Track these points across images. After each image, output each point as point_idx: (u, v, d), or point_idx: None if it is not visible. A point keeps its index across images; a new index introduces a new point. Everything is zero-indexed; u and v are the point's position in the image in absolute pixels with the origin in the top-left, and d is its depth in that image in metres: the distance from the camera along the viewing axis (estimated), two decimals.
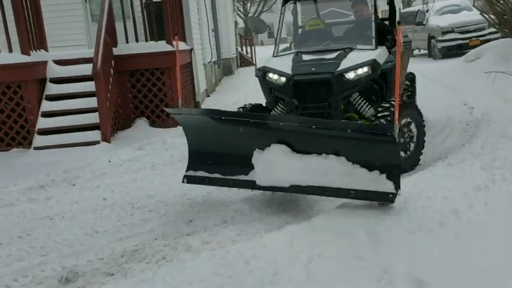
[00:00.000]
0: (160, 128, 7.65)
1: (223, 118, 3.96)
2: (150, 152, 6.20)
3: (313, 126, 3.65)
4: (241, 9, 37.54)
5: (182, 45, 8.69)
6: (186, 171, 4.25)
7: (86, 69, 7.10)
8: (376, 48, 5.06)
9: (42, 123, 6.97)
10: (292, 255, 2.89)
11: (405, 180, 4.14)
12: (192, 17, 9.77)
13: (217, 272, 2.75)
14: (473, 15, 14.20)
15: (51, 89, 7.39)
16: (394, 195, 3.40)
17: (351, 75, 4.70)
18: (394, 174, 3.45)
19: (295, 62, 4.96)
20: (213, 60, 12.93)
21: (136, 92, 7.87)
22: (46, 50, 7.68)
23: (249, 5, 40.53)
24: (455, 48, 14.31)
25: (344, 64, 4.76)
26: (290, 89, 4.78)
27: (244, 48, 20.85)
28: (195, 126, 4.23)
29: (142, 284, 2.71)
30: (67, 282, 2.97)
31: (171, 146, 6.45)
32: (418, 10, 16.56)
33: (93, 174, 5.40)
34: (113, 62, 7.55)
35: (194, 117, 4.27)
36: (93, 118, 6.90)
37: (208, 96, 11.66)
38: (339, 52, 4.95)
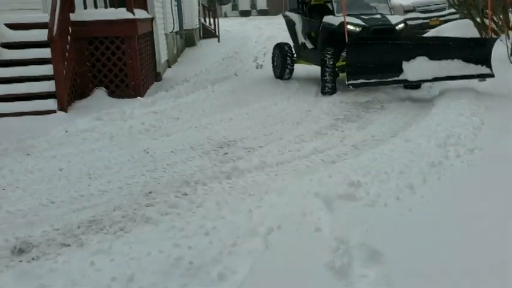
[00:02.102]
0: (120, 98, 7.47)
1: (389, 42, 6.66)
2: (108, 123, 6.05)
3: (450, 43, 6.85)
4: None
5: (143, 14, 8.45)
6: (348, 80, 6.40)
7: (41, 34, 6.80)
8: (393, 14, 8.07)
9: None
10: (251, 227, 2.92)
11: (364, 156, 4.25)
12: None
13: (177, 243, 2.75)
14: None
15: (3, 54, 7.05)
16: (493, 73, 6.67)
17: (398, 27, 7.44)
18: (489, 64, 6.68)
19: (362, 19, 7.33)
20: (175, 30, 12.63)
21: (95, 61, 7.62)
22: None
23: None
24: (416, 27, 14.50)
25: (392, 21, 7.46)
26: (368, 34, 7.12)
27: (207, 19, 20.46)
28: (358, 48, 6.44)
29: (99, 254, 2.67)
30: (20, 252, 2.89)
31: (130, 116, 6.31)
32: None
33: (49, 144, 5.23)
34: (70, 29, 7.25)
35: (362, 43, 6.60)
36: (49, 86, 6.65)
37: (169, 67, 11.44)
38: (380, 15, 7.67)
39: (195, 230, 2.90)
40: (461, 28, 10.08)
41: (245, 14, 43.31)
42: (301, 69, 9.23)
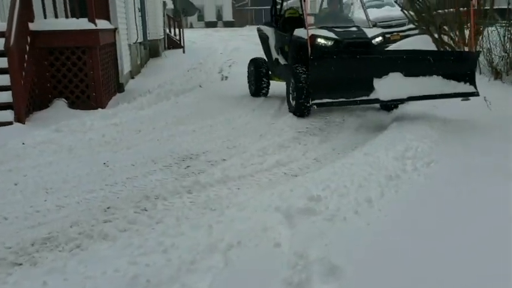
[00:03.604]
0: (80, 109, 7.32)
1: (357, 57, 5.92)
2: (67, 134, 5.91)
3: (428, 57, 5.93)
4: None
5: (105, 24, 8.34)
6: (312, 100, 5.68)
7: None
8: (372, 27, 7.56)
9: None
10: (211, 243, 2.89)
11: (324, 169, 4.29)
12: None
13: (134, 261, 2.69)
14: (395, 11, 14.79)
15: None
16: (477, 92, 5.94)
17: (375, 41, 6.97)
18: (473, 81, 5.98)
19: (335, 32, 6.85)
20: (139, 41, 12.52)
21: (55, 71, 7.46)
22: None
23: None
24: None
25: (368, 34, 6.96)
26: (341, 48, 6.64)
27: (172, 30, 20.38)
28: (322, 66, 5.64)
29: (52, 273, 2.59)
30: None
31: (90, 128, 6.19)
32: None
33: (5, 157, 5.06)
34: (29, 38, 7.08)
35: (328, 58, 5.81)
36: (6, 97, 6.45)
37: (132, 78, 11.30)
38: (356, 28, 7.18)
39: (153, 247, 2.85)
40: (421, 43, 10.39)
41: (211, 25, 43.39)
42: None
